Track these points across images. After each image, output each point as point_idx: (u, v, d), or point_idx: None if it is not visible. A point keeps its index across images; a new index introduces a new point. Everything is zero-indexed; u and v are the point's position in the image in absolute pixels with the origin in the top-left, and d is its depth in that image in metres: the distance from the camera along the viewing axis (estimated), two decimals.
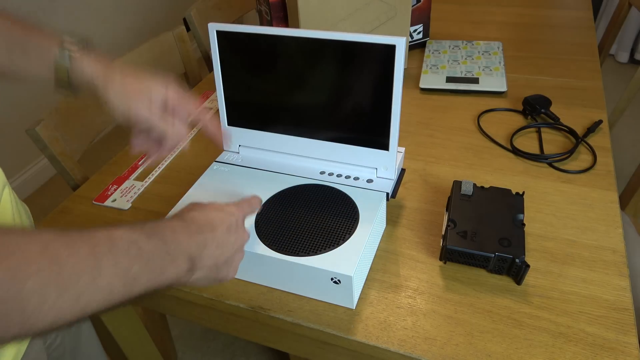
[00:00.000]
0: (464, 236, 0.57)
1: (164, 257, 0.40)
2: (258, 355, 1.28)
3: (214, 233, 0.45)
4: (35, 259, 0.31)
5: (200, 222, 0.45)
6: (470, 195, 0.62)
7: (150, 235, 0.40)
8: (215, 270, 0.46)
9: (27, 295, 0.30)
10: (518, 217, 0.58)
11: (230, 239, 0.47)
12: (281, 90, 0.64)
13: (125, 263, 0.36)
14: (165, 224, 0.42)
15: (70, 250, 0.34)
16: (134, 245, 0.38)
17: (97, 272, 0.34)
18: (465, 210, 0.60)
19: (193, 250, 0.43)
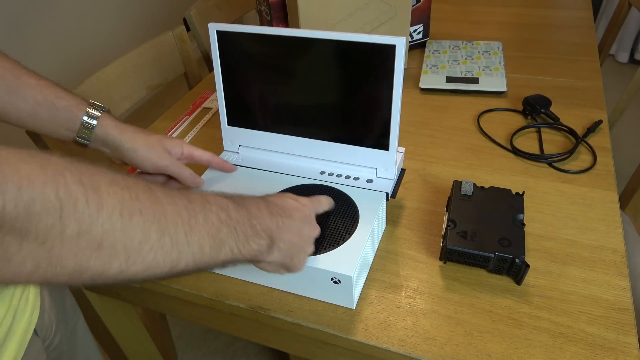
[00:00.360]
0: (464, 236, 0.57)
1: (248, 228, 0.42)
2: (258, 355, 1.28)
3: (291, 219, 0.47)
4: (141, 197, 0.33)
5: (280, 206, 0.47)
6: (470, 195, 0.62)
7: (238, 205, 0.42)
8: (289, 257, 0.47)
9: (132, 229, 0.32)
10: (518, 217, 0.58)
11: (305, 228, 0.48)
12: (281, 90, 0.64)
13: (216, 224, 0.38)
14: (250, 200, 0.45)
15: (170, 199, 0.36)
16: (223, 210, 0.40)
17: (192, 225, 0.36)
18: (465, 210, 0.60)
19: (274, 228, 0.44)
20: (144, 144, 0.61)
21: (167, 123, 0.94)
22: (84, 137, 0.60)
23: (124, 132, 0.61)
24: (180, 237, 0.35)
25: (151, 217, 0.33)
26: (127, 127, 0.62)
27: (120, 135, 0.61)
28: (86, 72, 1.09)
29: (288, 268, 0.48)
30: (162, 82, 1.11)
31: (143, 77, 1.06)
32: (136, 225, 0.32)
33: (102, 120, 0.60)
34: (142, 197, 0.33)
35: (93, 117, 0.60)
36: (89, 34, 2.11)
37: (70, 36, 2.01)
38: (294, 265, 0.48)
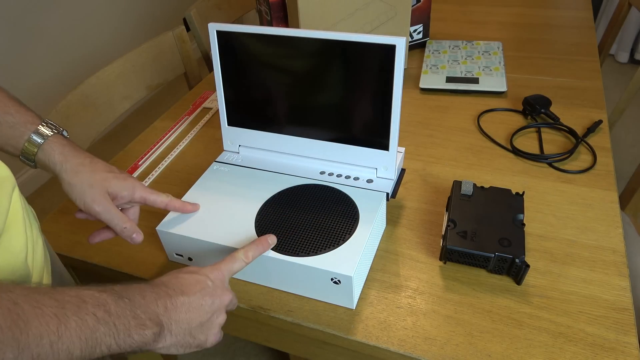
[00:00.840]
0: (463, 236, 0.57)
1: (131, 319, 0.39)
2: (258, 355, 1.28)
3: (186, 296, 0.44)
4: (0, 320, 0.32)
5: (170, 286, 0.44)
6: (470, 195, 0.62)
7: (119, 298, 0.39)
8: (190, 336, 0.45)
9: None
10: (518, 217, 0.58)
11: (204, 301, 0.45)
12: (281, 90, 0.64)
13: (91, 324, 0.36)
14: (134, 288, 0.42)
15: (37, 310, 0.34)
16: (101, 307, 0.38)
17: (60, 333, 0.35)
18: (465, 210, 0.60)
19: (161, 313, 0.42)
20: (83, 181, 0.54)
21: (167, 123, 0.94)
22: (27, 157, 0.55)
23: (68, 161, 0.55)
24: (45, 349, 0.34)
25: (9, 339, 0.32)
26: (76, 155, 0.55)
27: (63, 164, 0.54)
28: (86, 72, 1.09)
29: (195, 346, 0.46)
30: (162, 82, 1.11)
31: (143, 77, 1.06)
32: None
33: (50, 143, 0.54)
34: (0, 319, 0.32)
35: (40, 138, 0.54)
36: (89, 34, 2.11)
37: (70, 36, 2.01)
38: (201, 342, 0.46)
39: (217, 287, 0.47)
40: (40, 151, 0.54)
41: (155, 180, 0.79)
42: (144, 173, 0.81)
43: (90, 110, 0.94)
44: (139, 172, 0.82)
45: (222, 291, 0.48)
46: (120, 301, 0.39)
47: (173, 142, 0.88)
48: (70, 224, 0.72)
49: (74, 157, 0.55)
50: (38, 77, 1.89)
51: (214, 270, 0.48)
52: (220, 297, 0.47)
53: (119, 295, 0.40)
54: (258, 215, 0.59)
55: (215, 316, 0.47)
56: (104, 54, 2.18)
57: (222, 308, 0.48)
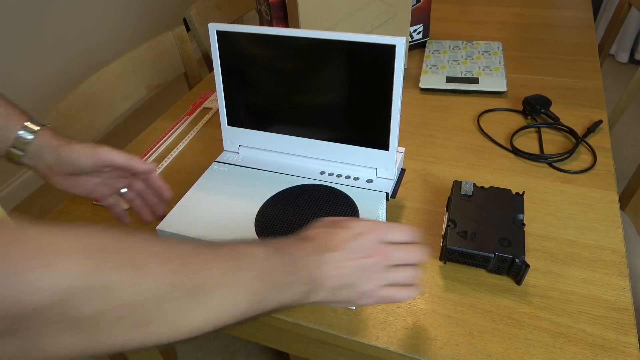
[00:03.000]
0: (463, 236, 0.57)
1: (284, 275, 0.40)
2: (258, 355, 1.28)
3: (333, 253, 0.42)
4: (178, 271, 0.34)
5: (317, 240, 0.43)
6: (470, 195, 0.62)
7: (271, 253, 0.40)
8: (339, 291, 0.43)
9: (171, 305, 0.33)
10: (518, 217, 0.58)
11: (354, 258, 0.43)
12: (281, 90, 0.64)
13: (248, 280, 0.38)
14: (284, 242, 0.42)
15: (203, 264, 0.36)
16: (258, 262, 0.39)
17: (226, 285, 0.36)
18: (465, 210, 0.60)
19: (311, 270, 0.41)
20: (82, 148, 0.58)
21: (167, 123, 0.94)
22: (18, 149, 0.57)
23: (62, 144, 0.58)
24: (216, 300, 0.36)
25: (189, 288, 0.34)
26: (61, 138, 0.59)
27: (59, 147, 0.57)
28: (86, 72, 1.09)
29: (347, 303, 0.44)
30: (162, 82, 1.11)
31: (143, 77, 1.06)
32: (175, 301, 0.33)
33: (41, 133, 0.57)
34: (179, 270, 0.34)
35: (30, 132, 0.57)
36: (89, 34, 2.11)
37: (70, 36, 2.01)
38: (352, 300, 0.44)
39: (370, 245, 0.44)
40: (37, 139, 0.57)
41: None
42: None
43: (90, 110, 0.94)
44: None
45: (376, 250, 0.44)
46: (272, 258, 0.40)
47: (173, 142, 0.88)
48: (71, 222, 0.72)
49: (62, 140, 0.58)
50: (38, 77, 1.89)
51: (372, 226, 0.45)
52: (375, 254, 0.44)
53: (270, 252, 0.40)
54: (258, 215, 0.59)
55: (373, 274, 0.44)
56: (104, 54, 2.18)
57: (375, 266, 0.44)
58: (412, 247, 0.46)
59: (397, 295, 0.45)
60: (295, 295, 0.41)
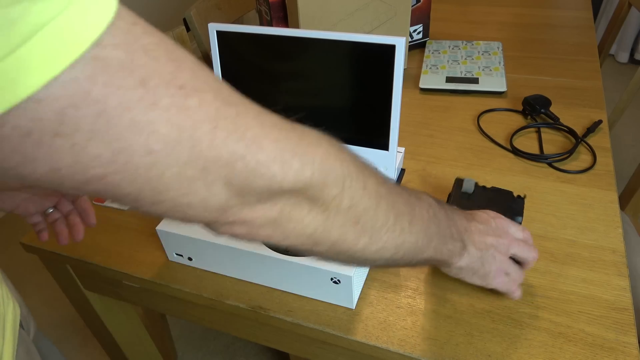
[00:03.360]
0: None
1: (447, 228, 0.44)
2: (258, 355, 1.28)
3: (478, 223, 0.48)
4: (382, 185, 0.37)
5: (479, 217, 0.49)
6: (471, 193, 0.62)
7: (439, 205, 0.44)
8: (480, 262, 0.48)
9: (381, 212, 0.36)
10: (516, 219, 0.58)
11: (491, 233, 0.48)
12: (281, 90, 0.64)
13: (426, 220, 0.41)
14: (446, 205, 0.46)
15: (395, 189, 0.39)
16: (431, 208, 0.42)
17: (412, 217, 0.39)
18: (465, 208, 0.60)
19: (463, 232, 0.46)
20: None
21: None
22: None
23: None
24: (405, 225, 0.38)
25: (390, 204, 0.37)
26: None
27: None
28: None
29: (482, 275, 0.49)
30: None
31: None
32: (383, 209, 0.36)
33: None
34: (382, 186, 0.37)
35: None
36: None
37: None
38: (487, 273, 0.49)
39: (501, 229, 0.50)
40: None
41: None
42: None
43: None
44: None
45: (505, 233, 0.50)
46: (440, 208, 0.44)
47: None
48: None
49: None
50: None
51: (498, 215, 0.51)
52: (503, 237, 0.49)
53: (439, 204, 0.44)
54: None
55: (500, 256, 0.49)
56: None
57: (501, 247, 0.49)
58: (529, 245, 0.51)
59: (512, 287, 0.51)
60: (453, 249, 0.45)
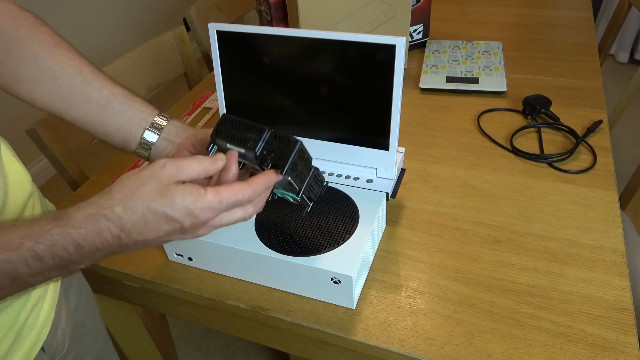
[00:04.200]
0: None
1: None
2: (258, 355, 1.28)
3: (140, 237, 0.39)
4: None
5: (126, 225, 0.38)
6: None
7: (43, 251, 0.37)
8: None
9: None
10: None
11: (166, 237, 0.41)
12: (281, 90, 0.64)
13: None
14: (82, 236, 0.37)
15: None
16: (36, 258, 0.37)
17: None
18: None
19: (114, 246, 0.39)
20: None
21: None
22: (142, 149, 0.55)
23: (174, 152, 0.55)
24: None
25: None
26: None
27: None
28: None
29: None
30: (162, 82, 1.11)
31: (143, 77, 1.06)
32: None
33: (162, 138, 0.55)
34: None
35: (156, 131, 0.55)
36: (89, 34, 2.11)
37: (70, 36, 2.00)
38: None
39: (195, 228, 0.41)
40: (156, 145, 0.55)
41: None
42: None
43: None
44: None
45: (201, 230, 0.42)
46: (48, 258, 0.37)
47: None
48: None
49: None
50: None
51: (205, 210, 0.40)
52: (194, 233, 0.42)
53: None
54: (258, 215, 0.59)
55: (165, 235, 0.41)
56: (104, 54, 2.18)
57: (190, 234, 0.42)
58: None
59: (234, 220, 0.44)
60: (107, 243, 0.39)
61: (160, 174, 0.39)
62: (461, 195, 0.70)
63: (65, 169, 0.85)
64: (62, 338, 0.55)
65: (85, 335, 0.61)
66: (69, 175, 0.86)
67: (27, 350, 0.48)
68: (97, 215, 0.37)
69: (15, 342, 0.46)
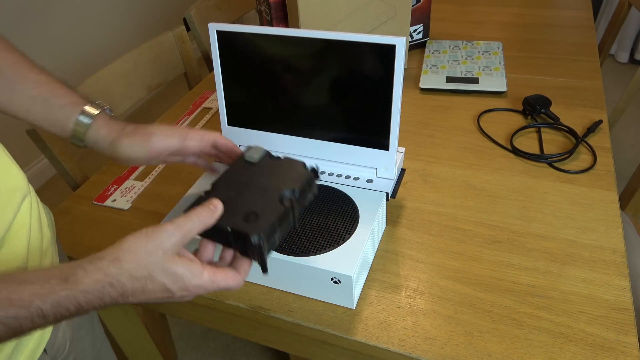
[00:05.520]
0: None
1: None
2: (258, 356, 1.28)
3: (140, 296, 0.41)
4: None
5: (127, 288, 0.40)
6: (255, 163, 0.52)
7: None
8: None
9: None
10: (287, 192, 0.47)
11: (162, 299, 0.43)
12: (281, 90, 0.64)
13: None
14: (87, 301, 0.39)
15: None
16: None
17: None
18: (238, 177, 0.50)
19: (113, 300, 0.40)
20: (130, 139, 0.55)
21: (167, 123, 0.94)
22: (77, 138, 0.56)
23: (114, 138, 0.55)
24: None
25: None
26: (121, 125, 0.56)
27: (126, 128, 0.56)
28: (86, 72, 1.09)
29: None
30: (162, 82, 1.11)
31: (143, 77, 1.06)
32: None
33: (95, 124, 0.55)
34: None
35: (88, 117, 0.55)
36: (89, 34, 2.11)
37: (70, 36, 2.01)
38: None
39: (182, 297, 0.43)
40: (91, 131, 0.55)
41: (156, 180, 0.79)
42: (144, 173, 0.81)
43: None
44: (139, 172, 0.82)
45: (185, 299, 0.44)
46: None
47: None
48: (70, 223, 0.72)
49: (120, 128, 0.56)
50: None
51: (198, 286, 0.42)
52: (178, 300, 0.43)
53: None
54: None
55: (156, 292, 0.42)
56: (104, 54, 2.18)
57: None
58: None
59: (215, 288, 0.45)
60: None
61: (166, 245, 0.41)
62: (461, 195, 0.70)
63: (65, 169, 0.85)
64: (63, 339, 0.55)
65: (83, 337, 0.61)
66: (69, 175, 0.86)
67: (30, 352, 0.48)
68: (104, 282, 0.39)
69: (19, 344, 0.47)
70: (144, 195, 0.76)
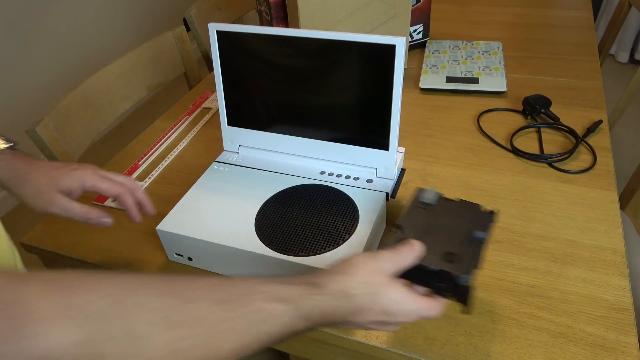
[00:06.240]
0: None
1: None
2: (258, 355, 1.27)
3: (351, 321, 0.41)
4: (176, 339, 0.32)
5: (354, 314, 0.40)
6: (432, 205, 0.53)
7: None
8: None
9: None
10: (477, 234, 0.49)
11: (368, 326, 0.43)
12: (281, 90, 0.64)
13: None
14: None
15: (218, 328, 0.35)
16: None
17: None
18: (424, 221, 0.51)
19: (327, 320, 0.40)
20: (32, 189, 0.54)
21: (167, 123, 0.94)
22: None
23: (14, 176, 0.54)
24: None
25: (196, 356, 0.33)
26: (22, 167, 0.55)
27: (10, 180, 0.54)
28: (86, 72, 1.09)
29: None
30: (162, 82, 1.11)
31: (143, 77, 1.06)
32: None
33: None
34: (185, 339, 0.32)
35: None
36: (89, 34, 2.11)
37: (70, 36, 2.01)
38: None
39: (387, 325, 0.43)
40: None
41: (155, 180, 0.79)
42: (144, 173, 0.81)
43: (90, 110, 0.94)
44: (138, 172, 0.82)
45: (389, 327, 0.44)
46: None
47: (173, 142, 0.88)
48: (70, 223, 0.72)
49: (19, 169, 0.54)
50: (38, 77, 1.89)
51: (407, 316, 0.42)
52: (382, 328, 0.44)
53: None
54: (258, 215, 0.59)
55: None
56: (104, 54, 2.18)
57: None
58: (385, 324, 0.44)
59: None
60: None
61: (388, 267, 0.42)
62: (461, 195, 0.70)
63: None
64: None
65: None
66: None
67: None
68: (341, 293, 0.39)
69: None
70: None
